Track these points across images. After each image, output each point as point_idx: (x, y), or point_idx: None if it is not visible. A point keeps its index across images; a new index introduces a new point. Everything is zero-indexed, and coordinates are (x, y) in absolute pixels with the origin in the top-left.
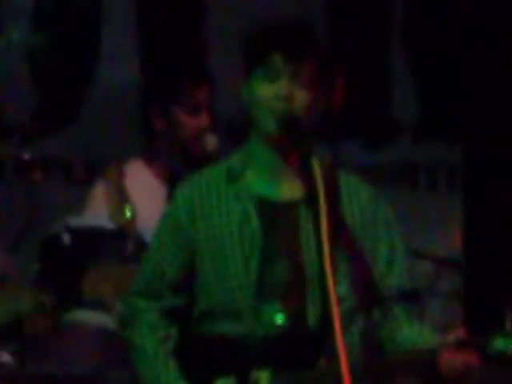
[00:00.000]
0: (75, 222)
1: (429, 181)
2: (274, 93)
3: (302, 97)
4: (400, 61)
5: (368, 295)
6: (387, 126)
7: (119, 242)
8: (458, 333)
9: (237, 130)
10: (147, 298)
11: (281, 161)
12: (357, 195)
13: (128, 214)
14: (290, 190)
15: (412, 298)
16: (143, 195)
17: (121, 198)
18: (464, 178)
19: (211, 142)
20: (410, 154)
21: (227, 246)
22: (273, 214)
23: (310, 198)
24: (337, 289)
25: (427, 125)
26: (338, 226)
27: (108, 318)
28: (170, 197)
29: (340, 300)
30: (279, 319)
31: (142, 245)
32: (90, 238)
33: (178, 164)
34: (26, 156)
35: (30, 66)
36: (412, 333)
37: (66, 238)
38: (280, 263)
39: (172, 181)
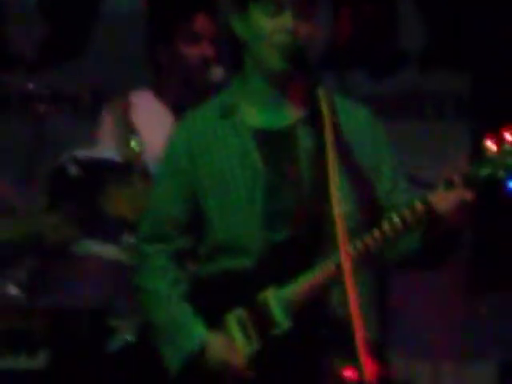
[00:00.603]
0: (82, 153)
1: (435, 110)
2: (278, 26)
3: (305, 29)
4: None
5: (372, 213)
6: (394, 56)
7: (126, 174)
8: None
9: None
10: (154, 242)
11: (277, 91)
12: (354, 115)
13: (135, 146)
14: (285, 117)
15: None
16: (151, 126)
17: (127, 130)
18: (471, 106)
19: (216, 73)
20: (416, 83)
21: (229, 180)
22: (271, 142)
23: (312, 119)
24: (342, 207)
25: (434, 54)
26: (340, 145)
27: (119, 251)
28: None
29: (344, 219)
30: None
31: (149, 177)
32: (97, 170)
33: (184, 96)
34: (31, 86)
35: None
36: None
37: (73, 170)
38: (285, 190)
39: (180, 112)
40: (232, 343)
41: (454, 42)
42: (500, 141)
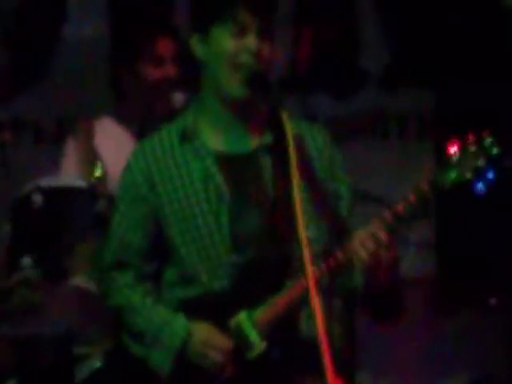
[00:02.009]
0: (46, 181)
1: (398, 130)
2: (242, 47)
3: (267, 50)
4: (368, 9)
5: (336, 234)
6: (356, 76)
7: (91, 200)
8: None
9: None
10: (118, 270)
11: (236, 116)
12: (313, 139)
13: (98, 172)
14: (246, 140)
15: None
16: (114, 152)
17: (91, 156)
18: (434, 126)
19: (178, 98)
20: (379, 103)
21: (194, 205)
22: (234, 166)
23: (276, 145)
24: (306, 232)
25: (396, 73)
26: (304, 170)
27: (85, 278)
28: None
29: (310, 242)
30: None
31: (113, 203)
32: (62, 198)
33: (146, 121)
34: None
35: None
36: None
37: (38, 199)
38: (249, 215)
39: (142, 137)
40: (215, 332)
41: (415, 61)
42: (463, 144)
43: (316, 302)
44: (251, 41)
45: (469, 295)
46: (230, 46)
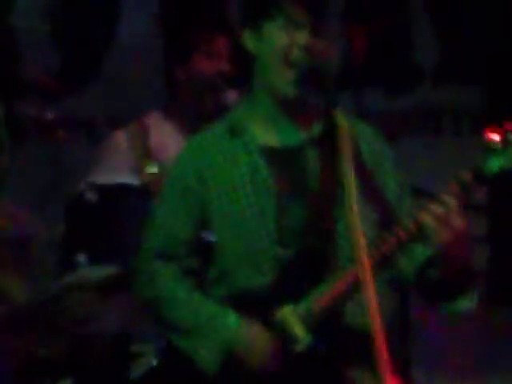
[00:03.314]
0: (99, 179)
1: (452, 126)
2: (295, 43)
3: (320, 47)
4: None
5: (386, 226)
6: (409, 73)
7: (145, 198)
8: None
9: None
10: (162, 262)
11: (286, 111)
12: (363, 134)
13: (153, 169)
14: (295, 136)
15: None
16: (168, 149)
17: (145, 153)
18: (487, 123)
19: (231, 96)
20: (431, 100)
21: (241, 198)
22: (281, 160)
23: (325, 139)
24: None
25: (448, 70)
26: (357, 166)
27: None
28: None
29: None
30: None
31: None
32: (116, 196)
33: (197, 117)
34: (49, 115)
35: (51, 27)
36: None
37: (92, 196)
38: (295, 208)
39: (192, 133)
40: (265, 333)
41: (466, 59)
42: (504, 132)
43: (371, 294)
44: (303, 37)
45: None
46: (282, 42)
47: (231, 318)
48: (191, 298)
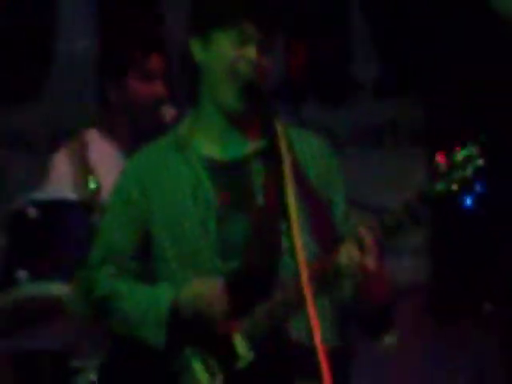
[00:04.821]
0: (40, 195)
1: (391, 139)
2: (242, 56)
3: (266, 63)
4: (360, 20)
5: (328, 243)
6: (347, 86)
7: (85, 213)
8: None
9: None
10: (101, 266)
11: (232, 123)
12: (309, 147)
13: (92, 185)
14: (240, 149)
15: None
16: (105, 166)
17: (84, 169)
18: (426, 135)
19: (169, 113)
20: (371, 113)
21: (182, 211)
22: (224, 172)
23: (270, 153)
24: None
25: (387, 83)
26: (297, 178)
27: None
28: None
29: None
30: None
31: None
32: (56, 211)
33: (134, 135)
34: None
35: None
36: None
37: (32, 212)
38: (237, 222)
39: (130, 151)
40: (205, 280)
41: (404, 72)
42: (451, 156)
43: (311, 307)
44: (252, 52)
45: (464, 303)
46: (231, 53)
47: (165, 287)
48: (130, 289)
